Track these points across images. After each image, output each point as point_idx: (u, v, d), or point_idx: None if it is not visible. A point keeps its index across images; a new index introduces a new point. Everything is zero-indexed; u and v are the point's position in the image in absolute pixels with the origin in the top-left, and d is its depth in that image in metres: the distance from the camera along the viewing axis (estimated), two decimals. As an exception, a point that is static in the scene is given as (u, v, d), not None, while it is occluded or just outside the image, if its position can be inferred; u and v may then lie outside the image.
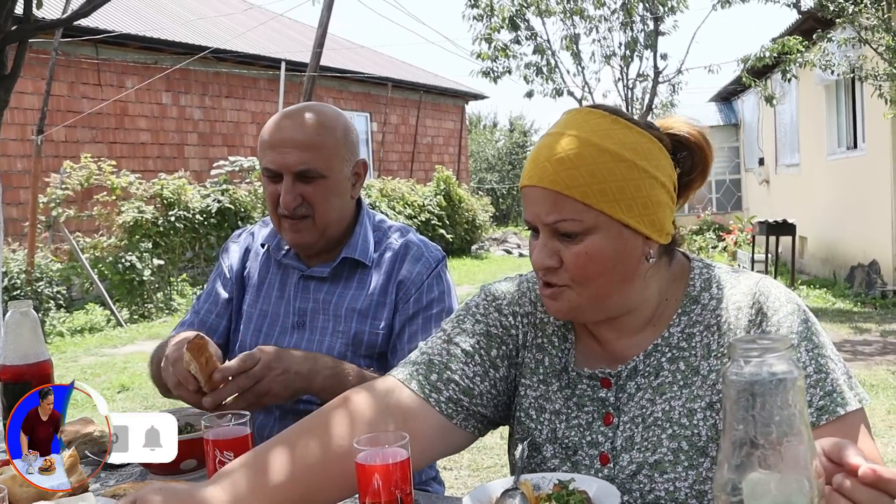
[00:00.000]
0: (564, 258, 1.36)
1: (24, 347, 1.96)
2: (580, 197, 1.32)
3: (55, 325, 9.47)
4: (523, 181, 1.41)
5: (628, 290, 1.41)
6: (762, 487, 0.88)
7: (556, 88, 12.08)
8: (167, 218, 10.85)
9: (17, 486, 1.56)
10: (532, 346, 1.53)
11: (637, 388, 1.43)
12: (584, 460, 1.44)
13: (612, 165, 1.33)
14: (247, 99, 15.28)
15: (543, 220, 1.36)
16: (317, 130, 1.95)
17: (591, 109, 1.41)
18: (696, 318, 1.43)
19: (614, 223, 1.34)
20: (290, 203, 1.94)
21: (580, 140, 1.34)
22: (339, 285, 2.04)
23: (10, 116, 11.10)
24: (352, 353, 1.98)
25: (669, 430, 1.38)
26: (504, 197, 28.93)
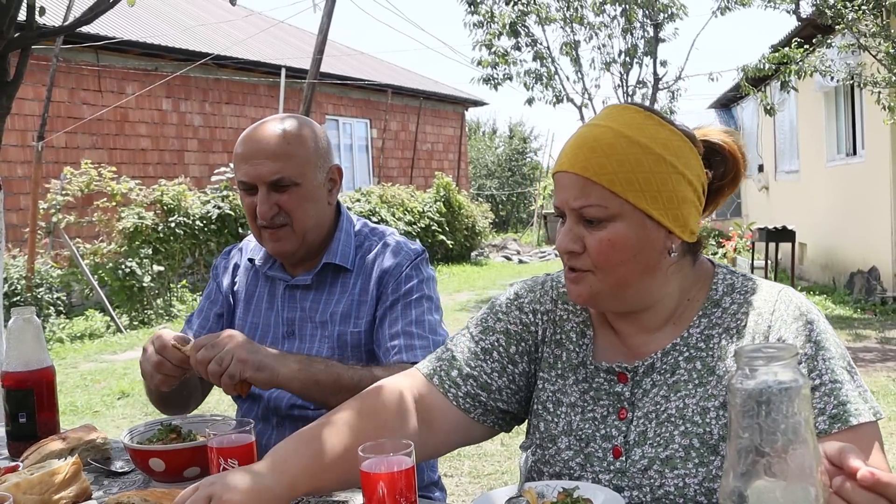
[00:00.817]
0: (588, 244, 1.41)
1: (27, 354, 1.97)
2: (607, 184, 1.38)
3: (55, 332, 9.46)
4: (556, 168, 1.46)
5: (649, 282, 1.45)
6: (768, 495, 0.88)
7: (556, 95, 12.10)
8: (167, 224, 10.85)
9: (20, 494, 1.56)
10: (551, 341, 1.59)
11: (653, 384, 1.46)
12: (597, 452, 1.47)
13: (641, 157, 1.39)
14: (247, 105, 15.29)
15: (571, 204, 1.41)
16: (287, 140, 1.98)
17: (628, 105, 1.48)
18: (717, 320, 1.47)
19: (638, 213, 1.40)
20: (266, 213, 1.98)
21: (613, 131, 1.40)
22: (324, 292, 2.08)
23: (11, 122, 11.10)
24: (339, 356, 2.01)
25: (682, 427, 1.41)
26: (504, 203, 28.92)
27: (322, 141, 2.06)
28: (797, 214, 13.26)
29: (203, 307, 2.27)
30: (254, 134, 2.01)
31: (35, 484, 1.59)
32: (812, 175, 13.05)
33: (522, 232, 25.32)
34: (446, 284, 13.85)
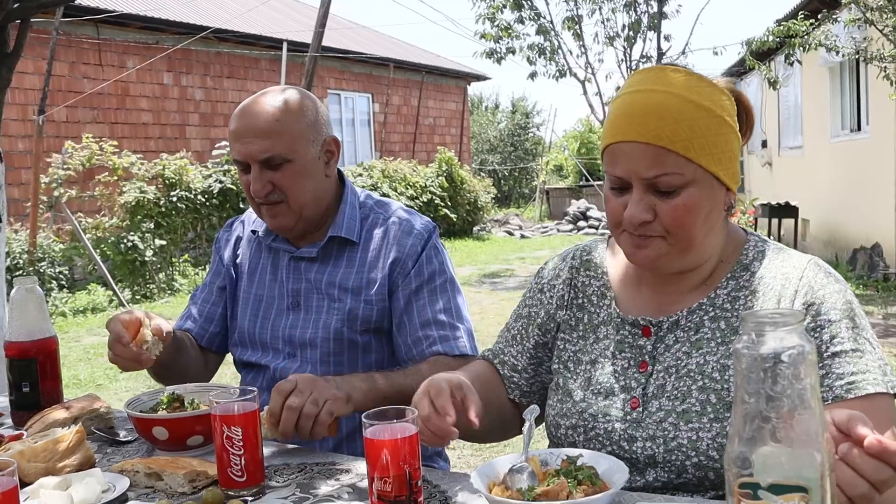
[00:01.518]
0: (659, 211, 1.42)
1: (30, 324, 1.96)
2: (682, 151, 1.38)
3: (58, 306, 9.48)
4: (615, 137, 1.43)
5: (709, 241, 1.49)
6: (773, 460, 0.88)
7: (559, 69, 12.03)
8: (169, 198, 10.84)
9: (24, 462, 1.57)
10: (572, 305, 1.66)
11: (675, 340, 1.49)
12: (616, 403, 1.50)
13: (708, 121, 1.40)
14: (248, 79, 15.21)
15: (643, 174, 1.41)
16: (276, 116, 1.95)
17: (676, 68, 1.47)
18: (744, 283, 1.49)
19: (708, 175, 1.42)
20: (260, 191, 1.97)
21: (676, 96, 1.40)
22: (329, 264, 2.06)
23: (12, 96, 11.06)
24: (348, 328, 2.00)
25: (700, 383, 1.44)
26: (506, 178, 28.86)
27: (315, 113, 2.02)
28: (800, 190, 13.23)
29: (207, 282, 2.26)
30: (244, 111, 1.99)
31: (39, 452, 1.59)
32: (816, 151, 12.99)
33: (524, 207, 25.29)
34: (448, 259, 13.84)
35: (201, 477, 1.54)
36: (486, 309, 9.12)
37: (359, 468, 1.59)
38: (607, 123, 1.48)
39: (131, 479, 1.56)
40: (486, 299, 9.89)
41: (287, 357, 2.05)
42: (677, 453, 1.41)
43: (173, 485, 1.52)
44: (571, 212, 19.64)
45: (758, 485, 0.88)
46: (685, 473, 1.41)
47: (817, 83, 12.70)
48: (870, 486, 1.03)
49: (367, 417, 1.28)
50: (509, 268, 12.81)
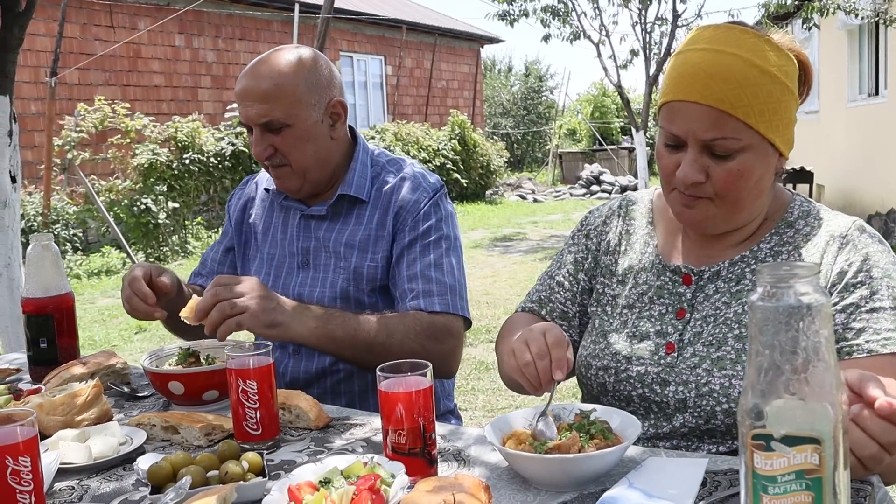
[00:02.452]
0: (712, 174, 1.43)
1: (46, 280, 1.98)
2: (743, 116, 1.38)
3: (72, 268, 9.54)
4: (676, 95, 1.43)
5: (758, 203, 1.50)
6: (787, 413, 0.88)
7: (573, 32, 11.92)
8: (181, 161, 10.85)
9: (43, 415, 1.59)
10: (615, 251, 1.68)
11: (716, 290, 1.51)
12: (650, 347, 1.52)
13: (771, 87, 1.40)
14: (260, 42, 15.13)
15: (701, 136, 1.41)
16: (274, 80, 1.92)
17: (743, 28, 1.45)
18: (788, 239, 1.51)
19: (765, 142, 1.42)
20: (260, 154, 1.96)
21: (743, 60, 1.39)
22: (339, 222, 2.04)
23: (24, 59, 11.04)
24: (354, 287, 1.99)
25: (737, 331, 1.45)
26: (519, 142, 28.72)
27: (317, 76, 1.97)
28: (815, 155, 13.12)
29: (217, 241, 2.28)
30: (248, 72, 1.95)
31: (57, 405, 1.61)
32: (832, 115, 12.86)
33: (537, 171, 25.20)
34: (461, 222, 13.77)
35: (217, 430, 1.56)
36: (498, 272, 9.13)
37: (373, 423, 1.61)
38: (668, 79, 1.46)
39: (148, 433, 1.58)
40: (498, 262, 9.89)
41: None
42: (708, 398, 1.43)
43: (189, 438, 1.54)
44: (584, 176, 19.57)
45: (771, 436, 0.88)
46: (714, 419, 1.43)
47: (835, 47, 12.54)
48: (879, 448, 1.04)
49: (381, 371, 1.29)
50: (521, 231, 12.80)
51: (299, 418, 1.60)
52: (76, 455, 1.45)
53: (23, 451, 1.18)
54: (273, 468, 1.41)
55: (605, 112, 26.70)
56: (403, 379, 1.28)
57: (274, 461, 1.44)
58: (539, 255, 10.24)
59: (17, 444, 1.17)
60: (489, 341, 6.01)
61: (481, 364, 5.53)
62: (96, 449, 1.48)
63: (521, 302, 1.81)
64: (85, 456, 1.45)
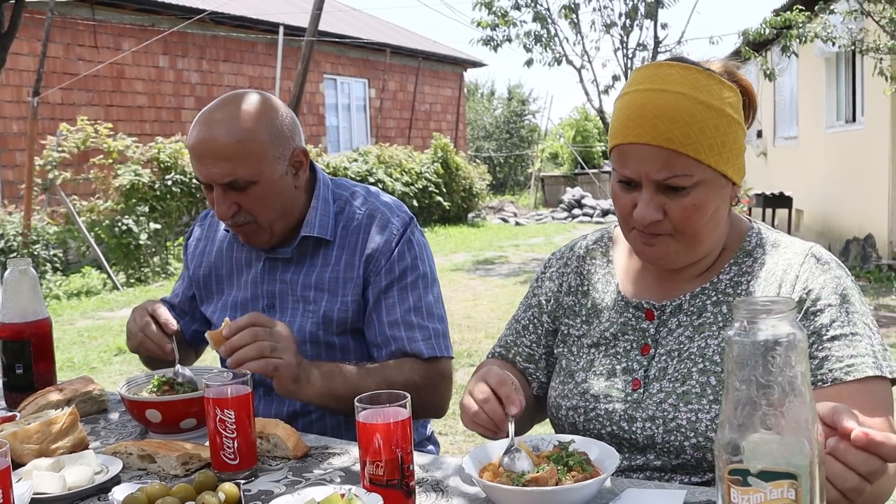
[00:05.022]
0: (669, 210, 1.44)
1: (23, 305, 1.96)
2: (693, 153, 1.40)
3: (52, 289, 9.46)
4: (626, 138, 1.44)
5: (716, 234, 1.51)
6: (763, 447, 0.89)
7: (555, 57, 11.99)
8: (164, 182, 10.81)
9: (17, 443, 1.57)
10: (577, 292, 1.70)
11: (678, 324, 1.52)
12: (617, 384, 1.53)
13: (718, 121, 1.41)
14: (244, 63, 15.15)
15: (654, 176, 1.42)
16: (236, 136, 1.81)
17: (684, 65, 1.46)
18: (747, 269, 1.52)
19: (717, 175, 1.44)
20: (224, 214, 1.86)
21: (688, 98, 1.41)
22: (305, 264, 1.98)
23: (6, 77, 11.00)
24: (324, 331, 1.94)
25: (701, 365, 1.46)
26: (501, 165, 28.81)
27: (279, 126, 1.87)
28: (794, 181, 13.24)
29: (180, 290, 2.21)
30: (203, 126, 1.84)
31: (32, 433, 1.59)
32: (810, 141, 13.00)
33: (520, 194, 25.27)
34: (442, 245, 13.85)
35: (194, 460, 1.54)
36: (479, 295, 9.13)
37: (352, 452, 1.60)
38: (616, 121, 1.47)
39: (124, 462, 1.56)
40: (480, 286, 9.89)
41: None
42: (676, 434, 1.44)
43: (166, 467, 1.53)
44: (566, 199, 19.65)
45: (748, 471, 0.89)
46: (683, 454, 1.44)
47: (813, 74, 12.70)
48: (860, 479, 1.05)
49: (359, 401, 1.29)
50: (503, 255, 12.82)
51: (277, 447, 1.59)
52: (50, 485, 1.43)
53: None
54: (250, 498, 1.39)
55: (587, 136, 26.84)
56: (382, 410, 1.28)
57: (251, 491, 1.43)
58: (521, 279, 10.25)
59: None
60: (470, 365, 6.00)
61: (461, 388, 5.51)
62: (71, 478, 1.46)
63: (492, 347, 1.83)
64: (59, 486, 1.43)
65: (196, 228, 2.23)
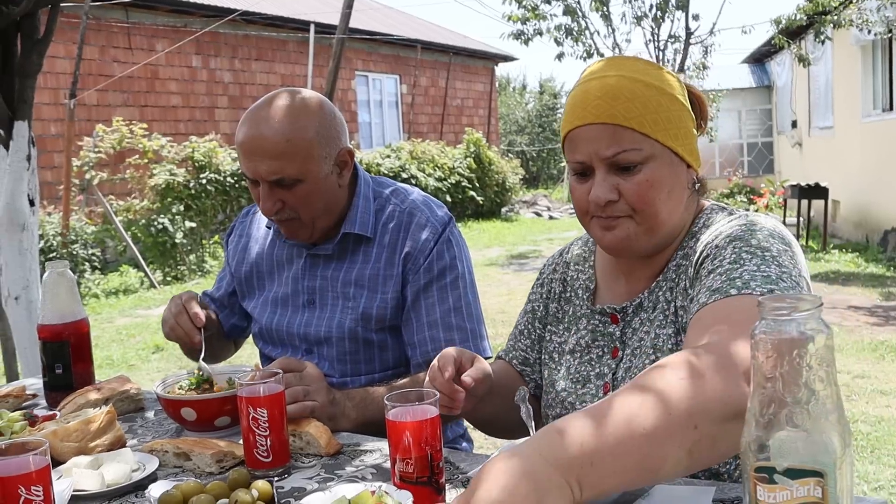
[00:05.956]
0: (624, 190, 1.44)
1: (62, 307, 2.00)
2: (637, 127, 1.42)
3: (90, 287, 9.62)
4: (573, 123, 1.47)
5: (676, 218, 1.49)
6: (789, 446, 0.89)
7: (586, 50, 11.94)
8: (198, 181, 10.93)
9: (57, 441, 1.61)
10: (560, 298, 1.73)
11: (641, 322, 1.53)
12: (591, 391, 1.56)
13: (659, 98, 1.44)
14: (276, 62, 15.26)
15: (602, 154, 1.43)
16: (286, 134, 1.83)
17: (624, 56, 1.52)
18: (689, 250, 1.50)
19: (667, 151, 1.45)
20: (269, 210, 1.89)
21: (626, 78, 1.44)
22: (345, 260, 2.01)
23: (43, 80, 11.17)
24: (362, 328, 1.96)
25: (653, 356, 1.47)
26: (534, 159, 28.76)
27: (328, 127, 1.90)
28: (830, 171, 13.07)
29: (222, 284, 2.25)
30: (252, 123, 1.86)
31: (71, 432, 1.63)
32: (847, 131, 12.82)
33: (553, 188, 25.19)
34: (476, 240, 13.86)
35: (228, 457, 1.57)
36: (513, 290, 9.13)
37: (384, 449, 1.61)
38: (564, 115, 1.51)
39: (160, 459, 1.59)
40: (514, 280, 9.89)
41: (304, 354, 2.03)
42: None
43: (201, 465, 1.56)
44: (599, 193, 19.53)
45: (774, 469, 0.89)
46: None
47: (849, 62, 12.51)
48: None
49: (389, 399, 1.30)
50: (537, 249, 12.79)
51: (310, 445, 1.61)
52: (89, 482, 1.46)
53: (35, 481, 1.19)
54: (283, 495, 1.41)
55: (620, 128, 26.67)
56: (411, 408, 1.29)
57: (284, 488, 1.45)
58: (554, 273, 10.20)
59: (29, 473, 1.19)
60: (504, 360, 6.00)
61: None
62: (109, 476, 1.49)
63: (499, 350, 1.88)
64: (98, 483, 1.47)
65: (237, 225, 2.27)
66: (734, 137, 20.26)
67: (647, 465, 1.06)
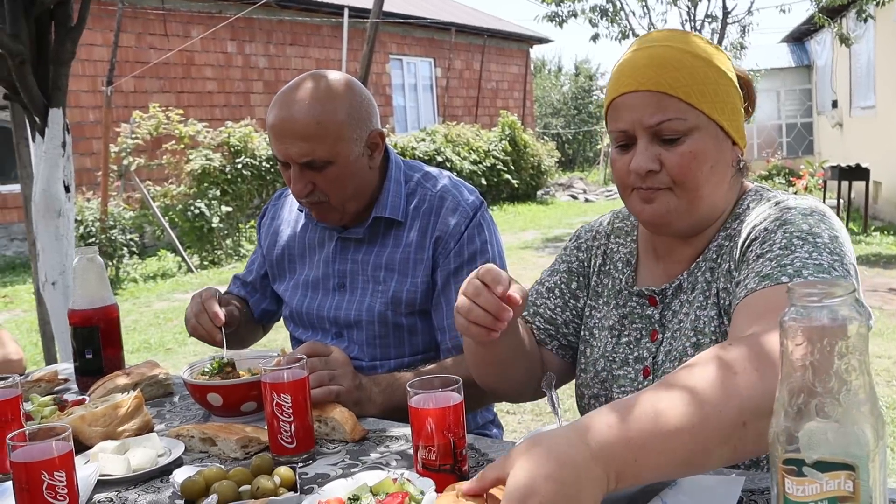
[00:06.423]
0: (666, 161, 1.40)
1: (91, 292, 2.01)
2: (684, 96, 1.38)
3: (129, 272, 9.74)
4: (617, 91, 1.43)
5: (718, 195, 1.45)
6: (819, 437, 0.85)
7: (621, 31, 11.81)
8: (234, 165, 11.00)
9: (85, 426, 1.62)
10: (600, 272, 1.66)
11: (680, 304, 1.49)
12: (629, 374, 1.52)
13: (707, 70, 1.40)
14: (311, 46, 15.28)
15: (646, 122, 1.39)
16: (316, 116, 1.83)
17: (672, 29, 1.47)
18: (732, 231, 1.46)
19: (712, 124, 1.40)
20: (300, 192, 1.89)
21: (674, 49, 1.41)
22: (376, 244, 2.00)
23: (82, 68, 11.31)
24: (392, 311, 1.96)
25: (694, 339, 1.43)
26: (570, 142, 28.57)
27: (358, 108, 1.89)
28: (872, 152, 12.81)
29: (253, 268, 2.26)
30: (283, 106, 1.86)
31: (99, 417, 1.64)
32: (889, 111, 12.54)
33: (589, 171, 25.02)
34: (511, 223, 13.81)
35: (253, 443, 1.56)
36: (547, 274, 9.07)
37: (410, 435, 1.60)
38: (609, 84, 1.47)
39: (186, 444, 1.59)
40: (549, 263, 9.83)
41: (334, 337, 2.03)
42: None
43: (226, 450, 1.55)
44: (636, 175, 19.37)
45: (803, 461, 0.86)
46: None
47: (892, 40, 12.22)
48: None
49: (412, 386, 1.29)
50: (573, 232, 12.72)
51: (335, 430, 1.60)
52: (115, 467, 1.47)
53: (58, 466, 1.19)
54: (307, 482, 1.41)
55: (657, 110, 26.40)
56: (434, 395, 1.27)
57: (308, 474, 1.44)
58: (589, 257, 10.14)
59: (52, 459, 1.19)
60: (538, 345, 5.97)
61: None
62: (135, 461, 1.49)
63: None
64: (123, 468, 1.47)
65: (269, 208, 2.27)
66: (773, 118, 19.93)
67: (690, 462, 1.04)
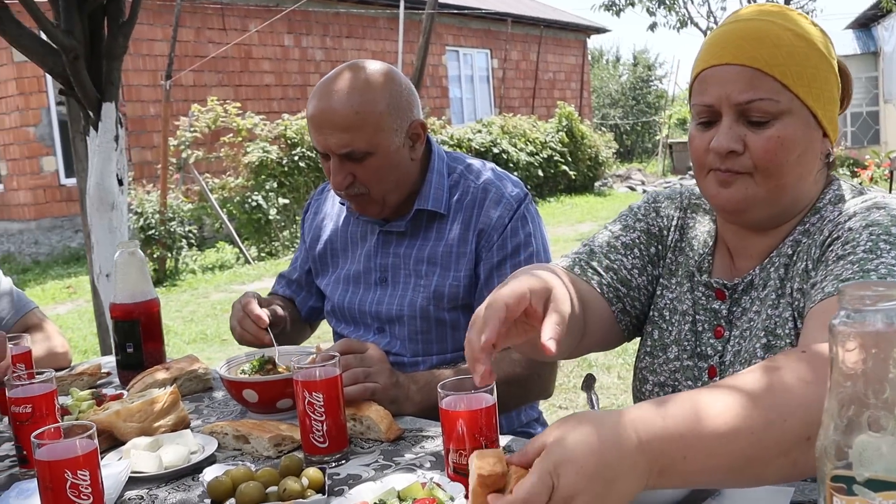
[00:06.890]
0: (750, 143, 1.30)
1: (132, 286, 2.01)
2: (779, 76, 1.28)
3: (188, 263, 9.87)
4: (707, 62, 1.33)
5: (802, 188, 1.35)
6: (872, 452, 0.78)
7: (679, 19, 11.60)
8: (291, 157, 11.06)
9: (120, 422, 1.60)
10: (675, 248, 1.53)
11: (751, 302, 1.39)
12: (694, 371, 1.43)
13: (808, 51, 1.30)
14: (367, 38, 15.32)
15: (735, 98, 1.29)
16: (356, 107, 1.80)
17: (776, 4, 1.33)
18: (811, 227, 1.36)
19: (805, 110, 1.30)
20: (340, 184, 1.86)
21: (777, 24, 1.30)
22: (418, 237, 1.96)
23: (142, 63, 11.51)
24: (434, 306, 1.92)
25: (764, 340, 1.34)
26: (628, 133, 28.21)
27: (399, 97, 1.85)
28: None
29: (298, 265, 2.23)
30: (322, 96, 1.84)
31: (135, 412, 1.62)
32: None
33: (647, 162, 24.68)
34: (568, 215, 13.68)
35: (287, 441, 1.53)
36: (603, 267, 8.95)
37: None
38: (698, 56, 1.36)
39: (220, 441, 1.57)
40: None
41: (376, 332, 2.00)
42: None
43: (259, 448, 1.53)
44: (696, 166, 19.05)
45: (853, 479, 0.79)
46: None
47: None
48: None
49: (443, 387, 1.24)
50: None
51: (370, 430, 1.56)
52: (147, 464, 1.45)
53: (82, 465, 1.17)
54: (338, 482, 1.37)
55: (718, 100, 25.94)
56: (465, 397, 1.22)
57: (340, 475, 1.41)
58: (647, 249, 9.98)
59: (76, 457, 1.17)
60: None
61: (583, 360, 5.42)
62: (167, 458, 1.48)
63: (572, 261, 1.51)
64: (155, 465, 1.45)
65: (312, 203, 2.25)
66: (839, 107, 19.42)
67: (744, 470, 0.97)
